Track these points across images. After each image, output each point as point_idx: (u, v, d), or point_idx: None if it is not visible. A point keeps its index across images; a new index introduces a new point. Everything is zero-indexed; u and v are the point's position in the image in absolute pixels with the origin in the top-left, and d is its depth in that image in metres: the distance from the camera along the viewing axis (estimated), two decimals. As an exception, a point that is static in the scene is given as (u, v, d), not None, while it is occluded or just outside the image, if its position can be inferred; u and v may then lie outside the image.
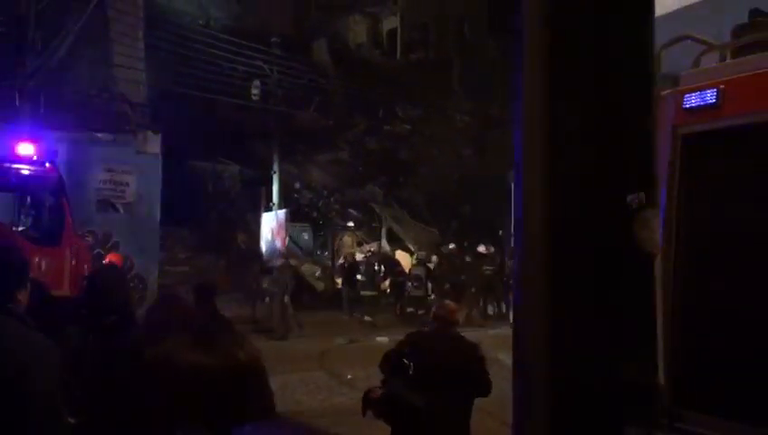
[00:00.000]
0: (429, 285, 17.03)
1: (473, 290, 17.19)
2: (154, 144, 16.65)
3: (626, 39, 1.55)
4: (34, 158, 11.08)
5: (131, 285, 13.79)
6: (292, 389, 9.85)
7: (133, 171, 16.42)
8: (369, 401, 4.66)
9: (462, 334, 4.86)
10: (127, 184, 16.42)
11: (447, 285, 17.08)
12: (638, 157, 1.55)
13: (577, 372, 1.53)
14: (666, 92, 3.64)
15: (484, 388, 4.63)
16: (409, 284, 17.35)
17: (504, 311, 16.81)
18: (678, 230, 3.35)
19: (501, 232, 21.15)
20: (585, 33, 1.53)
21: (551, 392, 1.53)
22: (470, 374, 4.57)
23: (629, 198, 1.48)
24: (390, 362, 4.77)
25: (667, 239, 3.31)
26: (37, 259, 9.42)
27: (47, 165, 10.68)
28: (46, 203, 10.92)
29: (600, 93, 1.54)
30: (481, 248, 18.88)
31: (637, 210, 1.48)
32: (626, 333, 1.51)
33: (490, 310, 16.59)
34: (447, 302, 5.17)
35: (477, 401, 4.72)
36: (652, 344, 1.53)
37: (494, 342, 13.60)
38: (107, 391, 3.24)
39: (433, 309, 5.12)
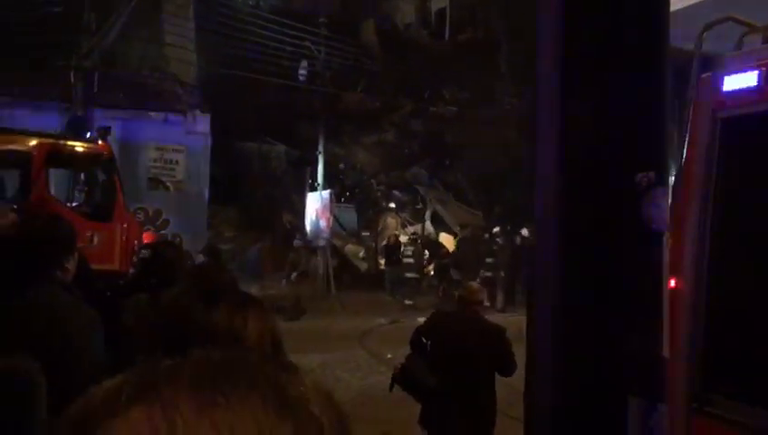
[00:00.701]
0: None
1: (501, 274, 17.03)
2: (203, 124, 16.98)
3: (640, 9, 1.58)
4: (88, 135, 11.44)
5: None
6: (333, 367, 10.01)
7: (183, 150, 16.80)
8: (393, 376, 4.79)
9: (484, 317, 4.90)
10: (176, 163, 16.81)
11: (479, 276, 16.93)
12: (649, 136, 1.58)
13: (584, 344, 1.59)
14: (706, 75, 3.62)
15: (503, 367, 4.65)
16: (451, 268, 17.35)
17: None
18: (714, 214, 3.33)
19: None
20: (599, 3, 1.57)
21: (559, 362, 1.60)
22: (489, 355, 4.60)
23: (638, 176, 1.53)
24: (414, 339, 4.88)
25: (703, 223, 3.34)
26: (89, 234, 9.69)
27: (100, 143, 10.99)
28: (99, 180, 11.25)
29: (612, 67, 1.57)
30: (524, 232, 18.73)
31: (646, 188, 1.52)
32: (633, 307, 1.56)
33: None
34: (471, 283, 5.22)
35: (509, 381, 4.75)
36: (658, 319, 1.57)
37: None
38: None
39: (458, 291, 5.18)
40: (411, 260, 17.41)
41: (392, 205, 21.45)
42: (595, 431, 1.51)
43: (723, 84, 3.45)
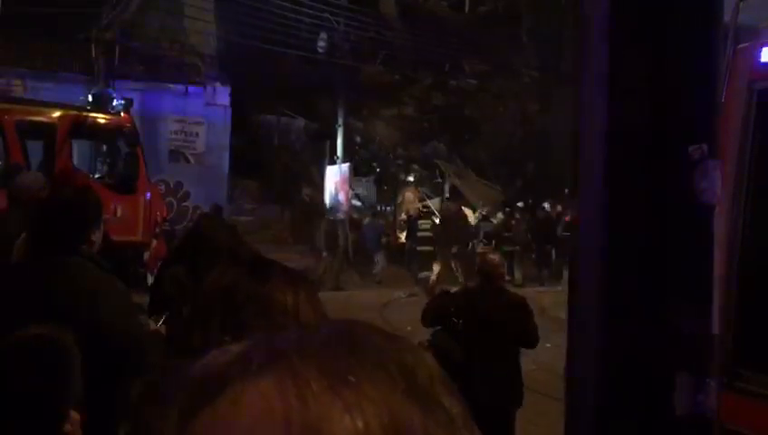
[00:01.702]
0: (493, 242, 16.96)
1: (517, 248, 17.05)
2: (223, 96, 16.99)
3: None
4: (111, 107, 11.47)
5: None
6: (353, 338, 10.11)
7: (203, 123, 16.83)
8: None
9: (507, 289, 4.90)
10: (197, 135, 16.85)
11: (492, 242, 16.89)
12: (699, 108, 1.54)
13: (631, 321, 1.56)
14: (742, 46, 3.53)
15: (529, 339, 4.67)
16: (473, 241, 17.26)
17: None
18: (749, 187, 3.31)
19: (567, 190, 20.83)
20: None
21: (604, 341, 1.57)
22: (514, 327, 4.60)
23: (691, 148, 1.48)
24: (433, 315, 4.84)
25: (737, 196, 3.30)
26: (112, 205, 9.73)
27: (122, 114, 11.03)
28: (122, 151, 11.30)
29: (661, 41, 1.54)
30: (546, 205, 18.63)
31: (698, 161, 1.47)
32: (682, 283, 1.52)
33: (566, 275, 16.29)
34: (491, 256, 5.16)
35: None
36: (708, 295, 1.52)
37: (555, 301, 13.57)
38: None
39: (477, 264, 5.15)
40: (428, 234, 17.29)
41: (410, 178, 21.28)
42: (640, 408, 1.50)
43: (760, 56, 3.40)
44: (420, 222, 17.75)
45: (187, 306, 1.37)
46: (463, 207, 20.13)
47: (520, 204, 19.45)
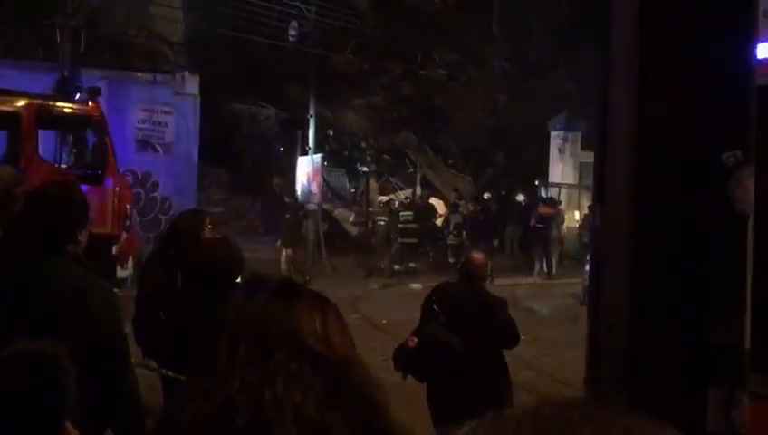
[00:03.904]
0: (464, 233, 16.99)
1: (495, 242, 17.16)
2: (192, 85, 16.69)
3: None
4: (78, 96, 11.18)
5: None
6: (328, 331, 10.07)
7: (172, 112, 16.51)
8: (404, 353, 4.56)
9: (487, 290, 4.80)
10: (166, 124, 16.54)
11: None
12: (733, 113, 1.49)
13: (659, 330, 1.51)
14: None
15: (507, 340, 4.63)
16: (444, 232, 17.28)
17: (544, 266, 16.67)
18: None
19: (537, 182, 21.08)
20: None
21: (631, 349, 1.52)
22: (493, 328, 4.55)
23: (725, 155, 1.43)
24: (424, 312, 4.77)
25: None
26: (81, 197, 9.60)
27: (90, 103, 10.76)
28: (89, 141, 11.04)
29: (694, 44, 1.48)
30: (519, 197, 18.74)
31: (733, 169, 1.43)
32: (713, 292, 1.48)
33: (537, 267, 16.47)
34: (474, 255, 5.07)
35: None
36: (741, 307, 1.48)
37: (527, 293, 13.70)
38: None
39: (461, 261, 5.09)
40: (412, 226, 17.17)
41: (367, 169, 21.33)
42: (672, 423, 1.45)
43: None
44: (403, 214, 17.67)
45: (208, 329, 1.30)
46: (434, 198, 20.18)
47: (487, 195, 19.48)
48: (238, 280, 3.72)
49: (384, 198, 20.62)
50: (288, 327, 1.24)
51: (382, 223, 16.96)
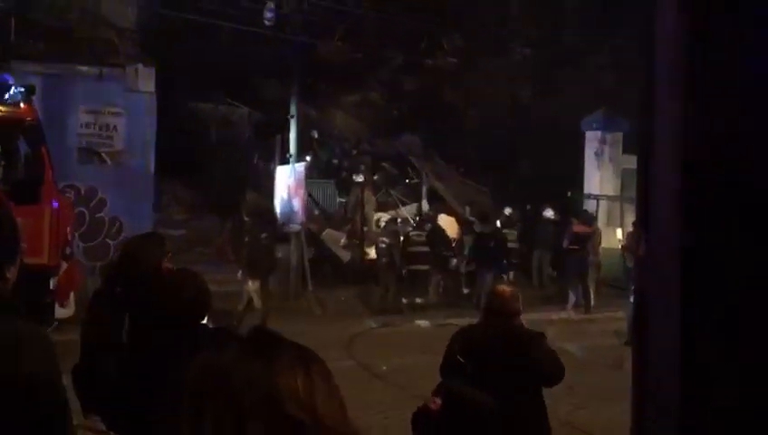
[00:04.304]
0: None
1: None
2: (147, 81, 16.74)
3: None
4: (6, 96, 11.16)
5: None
6: (315, 381, 10.05)
7: (123, 113, 16.56)
8: (426, 419, 4.42)
9: (520, 326, 4.87)
10: (115, 129, 16.58)
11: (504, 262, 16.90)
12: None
13: (717, 383, 1.51)
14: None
15: (548, 377, 4.74)
16: (455, 259, 17.25)
17: (582, 298, 16.68)
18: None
19: (570, 193, 21.17)
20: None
21: (682, 410, 1.52)
22: (529, 369, 4.65)
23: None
24: (446, 364, 4.82)
25: None
26: (11, 220, 9.55)
27: (22, 105, 10.75)
28: (21, 151, 11.01)
29: (741, 41, 1.52)
30: (548, 213, 18.76)
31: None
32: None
33: (572, 299, 16.45)
34: (502, 288, 5.09)
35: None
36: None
37: (560, 330, 13.69)
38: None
39: (484, 298, 5.16)
40: (424, 248, 17.15)
41: (360, 179, 21.20)
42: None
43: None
44: (414, 233, 17.65)
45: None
46: (444, 215, 20.19)
47: (508, 210, 19.53)
48: (204, 322, 3.77)
49: (383, 216, 20.64)
50: (264, 392, 1.23)
51: (384, 245, 16.93)
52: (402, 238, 17.55)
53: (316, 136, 22.79)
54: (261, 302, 13.70)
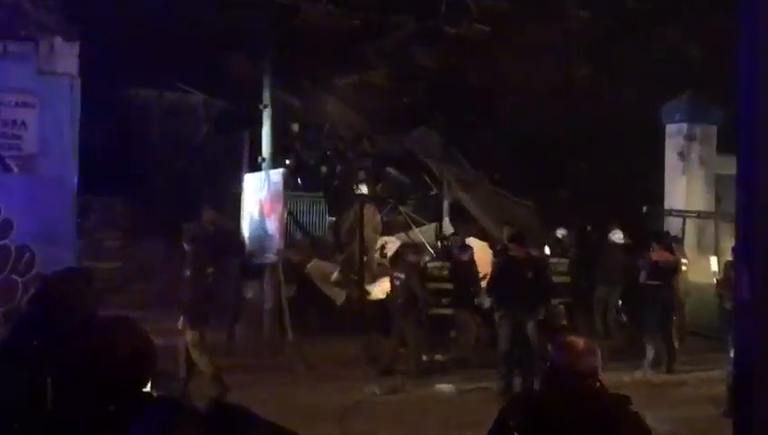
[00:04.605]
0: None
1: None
2: (67, 59, 16.73)
3: None
4: None
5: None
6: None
7: (34, 104, 16.60)
8: None
9: (602, 389, 4.85)
10: (23, 125, 16.59)
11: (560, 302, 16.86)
12: None
13: None
14: None
15: None
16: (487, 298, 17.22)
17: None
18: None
19: (645, 208, 21.13)
20: None
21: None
22: None
23: None
24: None
25: None
26: None
27: None
28: None
29: None
30: (616, 236, 18.70)
31: None
32: None
33: (650, 353, 16.35)
34: (572, 339, 5.06)
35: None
36: None
37: (633, 396, 13.65)
38: None
39: (550, 351, 5.24)
40: (447, 286, 17.19)
41: (364, 190, 21.52)
42: None
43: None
44: (432, 266, 17.71)
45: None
46: (473, 239, 20.24)
47: (561, 232, 19.51)
48: (146, 389, 3.79)
49: (390, 241, 20.76)
50: None
51: (399, 282, 16.93)
52: (418, 274, 17.23)
53: (298, 131, 22.76)
54: (203, 361, 13.56)
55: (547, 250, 18.83)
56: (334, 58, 23.44)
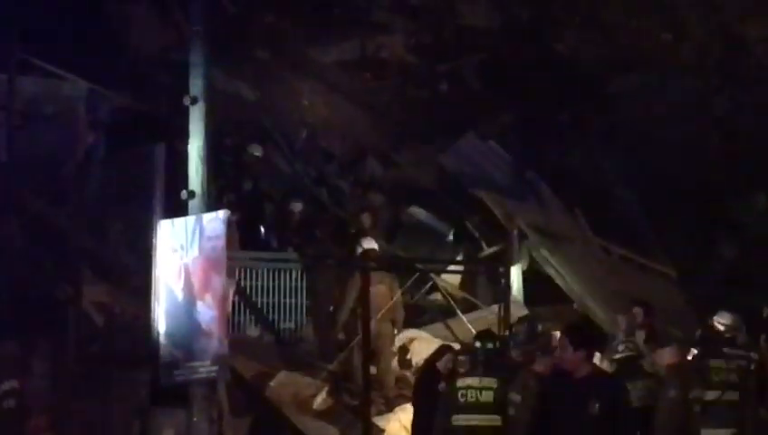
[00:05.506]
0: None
1: None
2: None
3: None
4: None
5: None
6: None
7: None
8: None
9: None
10: None
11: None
12: None
13: None
14: None
15: None
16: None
17: None
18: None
19: None
20: None
21: None
22: None
23: None
24: None
25: None
26: None
27: None
28: None
29: None
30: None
31: None
32: None
33: None
34: None
35: None
36: None
37: None
38: None
39: None
40: (495, 421, 15.95)
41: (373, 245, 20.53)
42: None
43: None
44: (462, 384, 16.65)
45: None
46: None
47: (722, 318, 18.12)
48: None
49: (420, 339, 21.18)
50: None
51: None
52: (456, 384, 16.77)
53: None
54: None
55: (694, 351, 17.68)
56: (309, 18, 23.98)
